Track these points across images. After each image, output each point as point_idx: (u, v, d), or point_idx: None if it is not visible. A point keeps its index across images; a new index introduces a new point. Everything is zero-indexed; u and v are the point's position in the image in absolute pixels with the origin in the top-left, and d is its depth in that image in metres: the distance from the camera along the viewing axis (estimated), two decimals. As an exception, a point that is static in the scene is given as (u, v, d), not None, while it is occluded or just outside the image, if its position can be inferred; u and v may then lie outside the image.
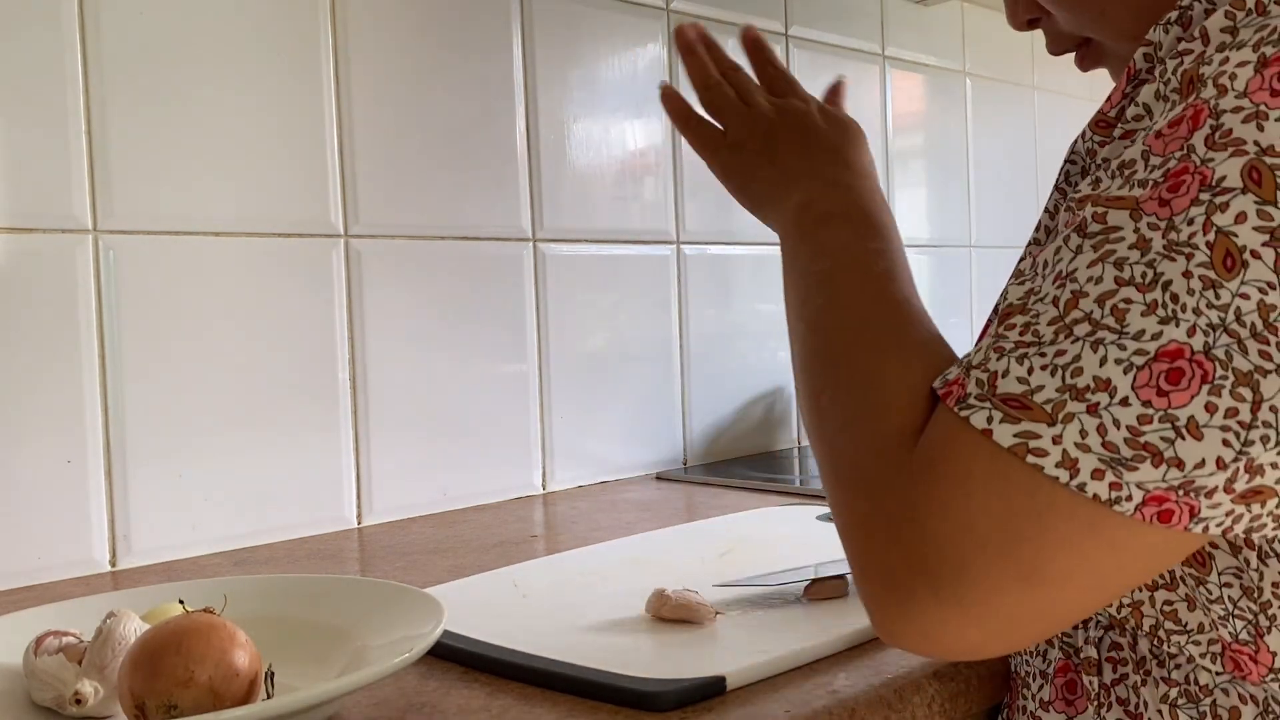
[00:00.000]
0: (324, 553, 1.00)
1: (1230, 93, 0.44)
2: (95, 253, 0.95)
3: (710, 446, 1.45)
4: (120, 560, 0.96)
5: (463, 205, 1.20)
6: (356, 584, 0.75)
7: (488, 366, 1.22)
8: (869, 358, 0.53)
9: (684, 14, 1.41)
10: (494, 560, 0.93)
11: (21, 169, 0.92)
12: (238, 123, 1.03)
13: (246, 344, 1.04)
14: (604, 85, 1.33)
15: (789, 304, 0.62)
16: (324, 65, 1.09)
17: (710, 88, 0.75)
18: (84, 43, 0.95)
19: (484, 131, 1.21)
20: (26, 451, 0.92)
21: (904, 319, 0.55)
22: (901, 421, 0.49)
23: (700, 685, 0.59)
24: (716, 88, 0.75)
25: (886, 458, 0.48)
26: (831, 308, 0.57)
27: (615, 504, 1.19)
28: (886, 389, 0.51)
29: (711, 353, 1.46)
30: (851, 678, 0.62)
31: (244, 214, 1.04)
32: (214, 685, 0.53)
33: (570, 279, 1.29)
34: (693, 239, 1.43)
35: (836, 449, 0.52)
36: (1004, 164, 1.95)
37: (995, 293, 1.91)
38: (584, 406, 1.31)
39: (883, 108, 1.71)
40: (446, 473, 1.18)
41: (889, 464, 0.48)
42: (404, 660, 0.56)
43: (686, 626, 0.70)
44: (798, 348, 0.59)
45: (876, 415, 0.50)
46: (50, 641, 0.61)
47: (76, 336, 0.94)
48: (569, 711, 0.59)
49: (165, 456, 0.99)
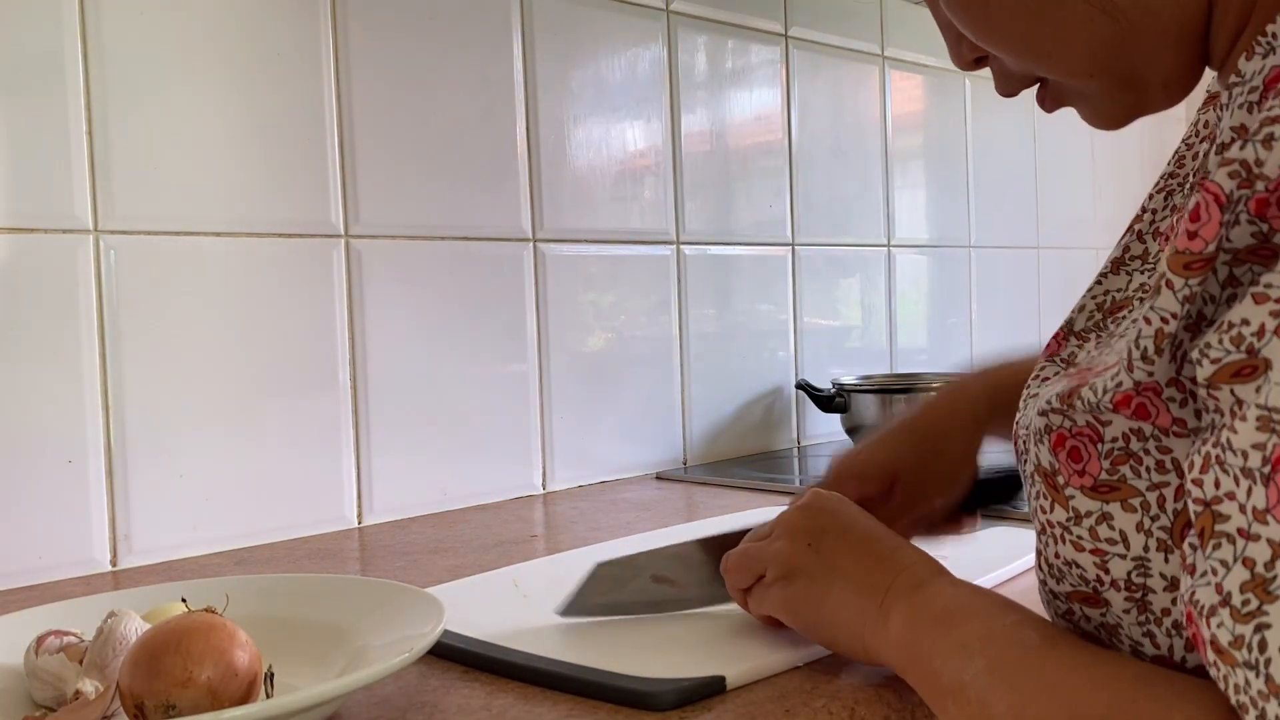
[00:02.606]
0: (324, 553, 1.00)
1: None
2: (95, 253, 0.95)
3: (710, 446, 1.45)
4: (121, 560, 0.96)
5: (463, 205, 1.20)
6: (356, 584, 0.75)
7: (488, 366, 1.22)
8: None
9: (684, 14, 1.41)
10: (494, 560, 0.93)
11: (22, 169, 0.92)
12: (238, 123, 1.03)
13: (247, 344, 1.04)
14: (604, 85, 1.33)
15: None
16: (324, 65, 1.09)
17: (729, 569, 0.69)
18: (84, 43, 0.95)
19: (484, 131, 1.21)
20: (27, 451, 0.92)
21: (1123, 676, 0.48)
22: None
23: (700, 685, 0.59)
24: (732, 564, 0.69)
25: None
26: (1030, 704, 0.49)
27: (615, 504, 1.19)
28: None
29: (711, 353, 1.46)
30: (851, 678, 0.62)
31: (244, 214, 1.04)
32: (213, 685, 0.53)
33: (570, 279, 1.29)
34: (693, 239, 1.43)
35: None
36: (1003, 164, 1.95)
37: (995, 292, 1.92)
38: (584, 406, 1.31)
39: (883, 108, 1.71)
40: (446, 473, 1.18)
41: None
42: (404, 660, 0.56)
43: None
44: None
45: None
46: (51, 641, 0.61)
47: (77, 336, 0.94)
48: (569, 711, 0.59)
49: (165, 456, 0.99)
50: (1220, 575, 0.41)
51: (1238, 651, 0.40)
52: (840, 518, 0.65)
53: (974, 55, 0.59)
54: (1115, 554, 0.50)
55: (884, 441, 0.80)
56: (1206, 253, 0.44)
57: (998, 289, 1.93)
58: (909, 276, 1.77)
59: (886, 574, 0.60)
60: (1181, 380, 0.47)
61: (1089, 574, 0.51)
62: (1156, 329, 0.46)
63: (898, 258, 1.74)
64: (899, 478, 0.77)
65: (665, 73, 1.40)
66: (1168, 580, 0.48)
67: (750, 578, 0.66)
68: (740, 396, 1.50)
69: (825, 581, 0.62)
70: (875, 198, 1.70)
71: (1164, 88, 0.55)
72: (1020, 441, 0.57)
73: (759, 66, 1.52)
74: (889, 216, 1.72)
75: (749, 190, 1.51)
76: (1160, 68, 0.53)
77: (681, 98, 1.41)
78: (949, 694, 0.53)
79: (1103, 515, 0.50)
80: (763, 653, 0.64)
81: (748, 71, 1.51)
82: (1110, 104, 0.56)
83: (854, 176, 1.67)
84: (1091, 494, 0.50)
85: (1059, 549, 0.53)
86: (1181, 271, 0.45)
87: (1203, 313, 0.46)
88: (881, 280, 1.72)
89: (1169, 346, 0.46)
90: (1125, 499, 0.49)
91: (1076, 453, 0.51)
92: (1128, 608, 0.50)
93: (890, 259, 1.73)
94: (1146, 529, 0.49)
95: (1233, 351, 0.41)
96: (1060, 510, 0.52)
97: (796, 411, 1.57)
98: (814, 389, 1.51)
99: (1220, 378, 0.42)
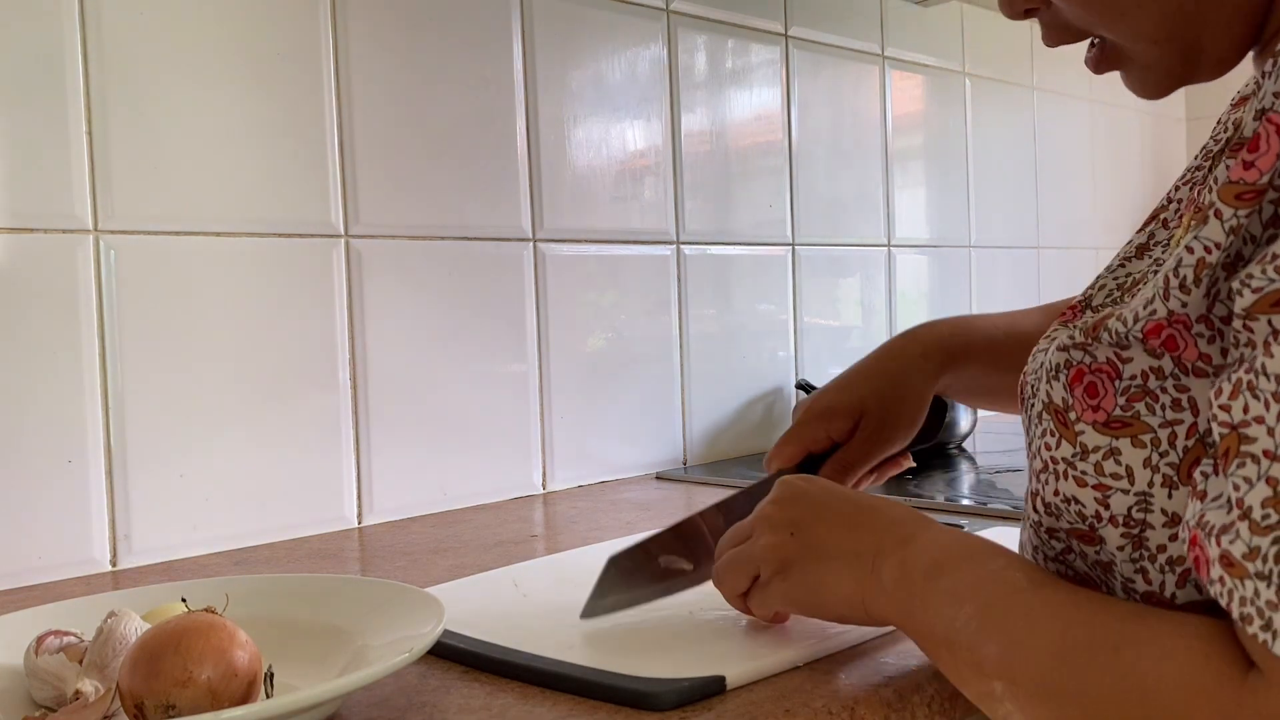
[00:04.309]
0: (324, 553, 1.00)
1: None
2: (95, 253, 0.95)
3: (710, 446, 1.45)
4: (120, 560, 0.96)
5: (463, 205, 1.20)
6: (356, 584, 0.75)
7: (488, 366, 1.22)
8: (1116, 673, 0.46)
9: (684, 14, 1.41)
10: (494, 560, 0.93)
11: (22, 169, 0.92)
12: (238, 122, 1.03)
13: (247, 344, 1.04)
14: (604, 85, 1.33)
15: (953, 672, 0.54)
16: (324, 65, 1.09)
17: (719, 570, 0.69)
18: (84, 42, 0.95)
19: (484, 131, 1.21)
20: (27, 451, 0.92)
21: (1110, 611, 0.49)
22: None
23: (700, 685, 0.59)
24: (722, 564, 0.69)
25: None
26: (1018, 644, 0.50)
27: (615, 504, 1.19)
28: (1165, 694, 0.45)
29: (711, 353, 1.46)
30: (851, 677, 0.62)
31: (244, 214, 1.04)
32: (213, 685, 0.53)
33: (570, 279, 1.29)
34: (693, 239, 1.43)
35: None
36: (1003, 164, 1.95)
37: (994, 292, 1.92)
38: (584, 406, 1.31)
39: (882, 108, 1.71)
40: (446, 473, 1.18)
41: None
42: (404, 660, 0.56)
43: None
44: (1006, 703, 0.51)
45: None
46: (51, 641, 0.61)
47: (77, 336, 0.94)
48: (569, 711, 0.59)
49: (165, 456, 0.99)
50: (1243, 490, 0.42)
51: (1250, 563, 0.41)
52: (813, 500, 0.66)
53: (1028, 4, 0.58)
54: (1119, 489, 0.51)
55: (848, 383, 0.83)
56: (1260, 184, 0.45)
57: (998, 289, 1.93)
58: (909, 276, 1.77)
59: (871, 537, 0.61)
60: (1211, 318, 0.48)
61: (1088, 509, 0.52)
62: (1199, 258, 0.47)
63: (898, 257, 1.74)
64: (864, 416, 0.81)
65: (665, 72, 1.40)
66: (1168, 516, 0.50)
67: (746, 581, 0.66)
68: (740, 396, 1.50)
69: (817, 564, 0.63)
70: (875, 197, 1.70)
71: (1217, 63, 0.55)
72: (1028, 386, 0.58)
73: (759, 66, 1.52)
74: (889, 216, 1.72)
75: (749, 190, 1.51)
76: (1220, 42, 0.54)
77: (681, 97, 1.41)
78: (942, 643, 0.54)
79: (1110, 450, 0.51)
80: (763, 653, 0.64)
81: (748, 71, 1.51)
82: (1163, 72, 0.57)
83: (854, 176, 1.67)
84: (1103, 429, 0.52)
85: (1060, 485, 0.54)
86: (1232, 201, 0.46)
87: (1241, 252, 0.46)
88: (881, 280, 1.72)
89: (1207, 278, 0.47)
90: (1136, 435, 0.50)
91: (1093, 388, 0.52)
92: (1123, 544, 0.51)
93: (890, 259, 1.73)
94: (1154, 465, 0.50)
95: (1277, 280, 0.42)
96: (1067, 446, 0.53)
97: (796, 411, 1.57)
98: (814, 389, 1.51)
99: (1260, 307, 0.43)
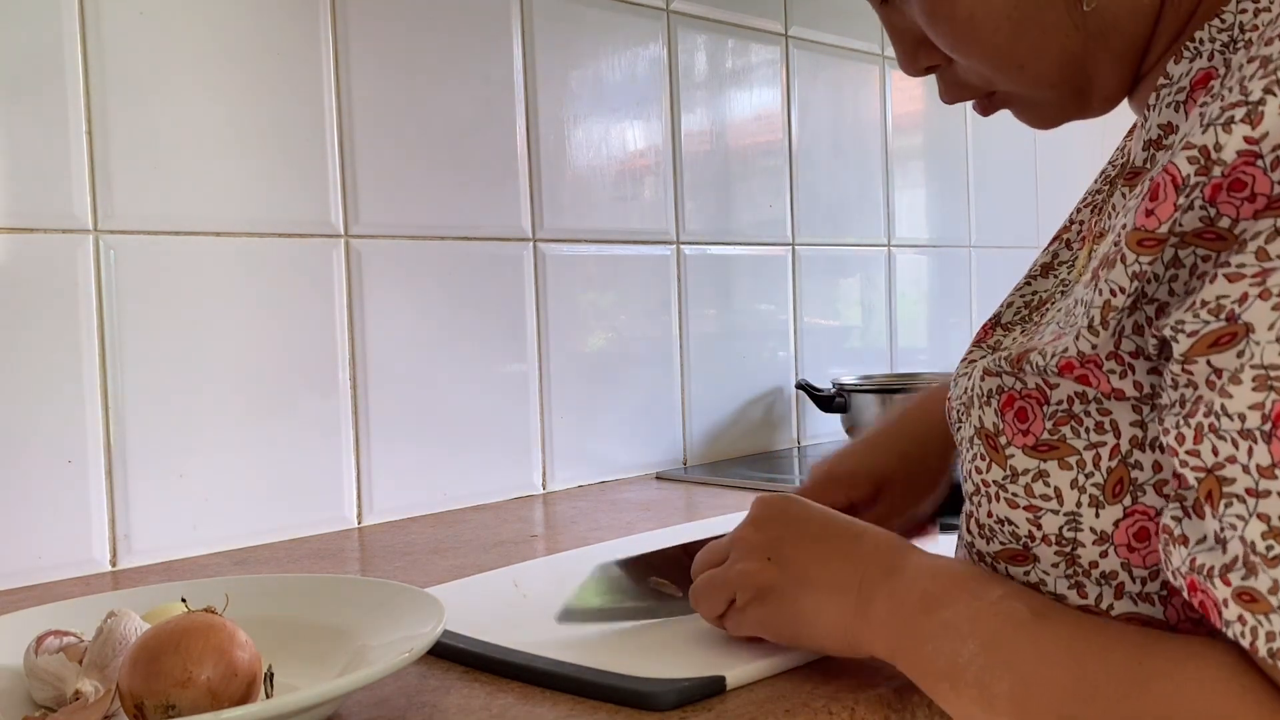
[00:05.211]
0: (324, 553, 1.00)
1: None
2: (95, 253, 0.95)
3: (710, 446, 1.45)
4: (120, 560, 0.96)
5: (463, 205, 1.20)
6: (356, 584, 0.75)
7: (488, 366, 1.22)
8: (1148, 709, 0.46)
9: (684, 14, 1.41)
10: (494, 560, 0.93)
11: (22, 169, 0.92)
12: (238, 122, 1.03)
13: (247, 344, 1.04)
14: (604, 85, 1.33)
15: (956, 709, 0.53)
16: (324, 65, 1.09)
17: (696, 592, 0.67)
18: (84, 42, 0.95)
19: (484, 131, 1.21)
20: (27, 451, 0.92)
21: (1123, 641, 0.49)
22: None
23: (700, 685, 0.59)
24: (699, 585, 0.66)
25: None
26: (1031, 681, 0.49)
27: (615, 504, 1.19)
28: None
29: (711, 353, 1.46)
30: (851, 678, 0.62)
31: (244, 214, 1.04)
32: (212, 685, 0.53)
33: (570, 279, 1.29)
34: (693, 239, 1.43)
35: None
36: (1003, 164, 1.95)
37: (994, 292, 1.92)
38: (584, 406, 1.31)
39: (883, 108, 1.71)
40: (446, 473, 1.18)
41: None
42: (404, 660, 0.56)
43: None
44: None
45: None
46: (51, 641, 0.61)
47: (77, 336, 0.94)
48: (569, 711, 0.59)
49: (165, 456, 0.99)
50: (1240, 529, 0.42)
51: (1274, 596, 0.41)
52: (792, 522, 0.63)
53: (929, 63, 0.61)
54: (1048, 510, 0.52)
55: (868, 447, 0.79)
56: (1160, 232, 0.46)
57: (998, 289, 1.92)
58: (909, 276, 1.77)
59: (853, 566, 0.59)
60: (1120, 354, 0.49)
61: (1020, 530, 0.53)
62: (1105, 300, 0.49)
63: (898, 257, 1.74)
64: (886, 483, 0.76)
65: (665, 72, 1.40)
66: (1097, 534, 0.51)
67: (721, 604, 0.64)
68: (740, 396, 1.50)
69: (795, 592, 0.60)
70: (875, 198, 1.70)
71: (1105, 100, 0.59)
72: (955, 412, 0.59)
73: (759, 66, 1.52)
74: (889, 216, 1.72)
75: (749, 190, 1.51)
76: (1109, 79, 0.57)
77: (681, 97, 1.41)
78: (944, 678, 0.53)
79: (1039, 473, 0.52)
80: (763, 653, 0.64)
81: (748, 71, 1.51)
82: (1055, 110, 0.60)
83: (854, 176, 1.67)
84: (1031, 452, 0.53)
85: (992, 507, 0.55)
86: (1135, 247, 0.47)
87: (1144, 290, 0.48)
88: (881, 280, 1.72)
89: (1114, 321, 0.48)
90: (1062, 457, 0.52)
91: (1023, 413, 0.53)
92: (1056, 561, 0.52)
93: (890, 259, 1.73)
94: (1080, 485, 0.51)
95: (1211, 321, 0.43)
96: (997, 469, 0.54)
97: (796, 411, 1.57)
98: (814, 389, 1.51)
99: (1198, 350, 0.44)
